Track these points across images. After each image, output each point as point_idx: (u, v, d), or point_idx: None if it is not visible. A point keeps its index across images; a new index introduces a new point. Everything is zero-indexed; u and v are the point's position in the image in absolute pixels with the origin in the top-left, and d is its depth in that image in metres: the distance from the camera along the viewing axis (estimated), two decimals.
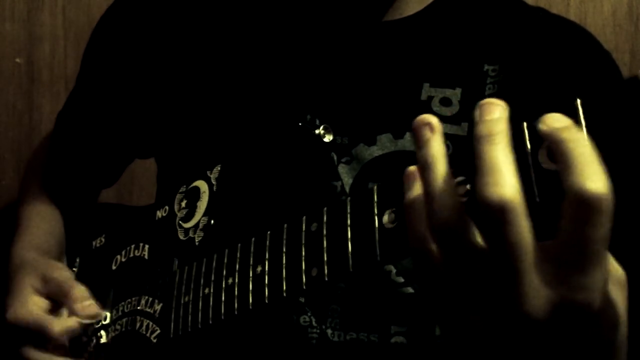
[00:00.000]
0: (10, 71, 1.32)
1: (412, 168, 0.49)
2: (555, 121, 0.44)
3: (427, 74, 0.78)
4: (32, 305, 0.81)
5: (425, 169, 0.47)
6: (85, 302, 0.80)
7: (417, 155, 0.48)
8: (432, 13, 0.81)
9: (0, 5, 1.31)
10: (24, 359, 0.81)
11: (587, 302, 0.45)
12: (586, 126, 0.44)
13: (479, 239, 0.46)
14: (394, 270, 0.75)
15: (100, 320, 0.82)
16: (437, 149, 0.47)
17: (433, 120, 0.48)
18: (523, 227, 0.44)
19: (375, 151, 0.77)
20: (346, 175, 0.76)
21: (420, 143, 0.48)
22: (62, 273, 0.84)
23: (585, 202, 0.42)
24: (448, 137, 0.76)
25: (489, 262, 0.46)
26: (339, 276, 0.57)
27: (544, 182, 0.45)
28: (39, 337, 0.80)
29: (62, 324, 0.79)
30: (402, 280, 0.75)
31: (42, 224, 0.96)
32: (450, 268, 0.47)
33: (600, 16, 1.27)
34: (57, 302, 0.83)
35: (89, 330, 0.82)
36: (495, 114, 0.46)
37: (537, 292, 0.45)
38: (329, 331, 0.76)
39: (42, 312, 0.81)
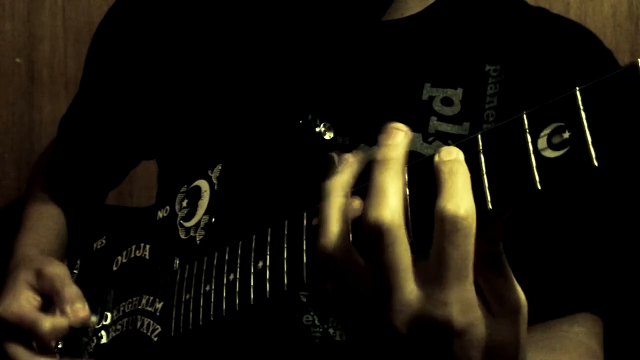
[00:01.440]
0: (10, 71, 1.32)
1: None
2: (447, 154, 0.48)
3: (428, 74, 0.78)
4: (23, 300, 0.81)
5: (323, 195, 0.53)
6: (75, 305, 0.80)
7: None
8: (433, 13, 0.81)
9: (0, 5, 1.31)
10: (8, 355, 0.81)
11: (446, 317, 0.48)
12: (585, 114, 0.45)
13: (358, 260, 0.50)
14: None
15: (93, 324, 0.82)
16: (336, 181, 0.53)
17: (349, 157, 0.54)
18: (399, 248, 0.48)
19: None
20: None
21: (330, 172, 0.53)
22: (58, 270, 0.84)
23: (444, 221, 0.46)
24: (450, 137, 0.76)
25: (367, 280, 0.50)
26: None
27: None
28: (26, 334, 0.80)
29: (52, 322, 0.79)
30: None
31: (45, 222, 0.96)
32: (334, 288, 0.52)
33: (600, 16, 1.27)
34: (49, 298, 0.82)
35: (85, 330, 0.82)
36: (397, 139, 0.50)
37: (404, 307, 0.48)
38: (331, 330, 0.76)
39: (33, 309, 0.81)
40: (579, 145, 0.44)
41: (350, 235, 0.51)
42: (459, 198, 0.46)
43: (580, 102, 0.45)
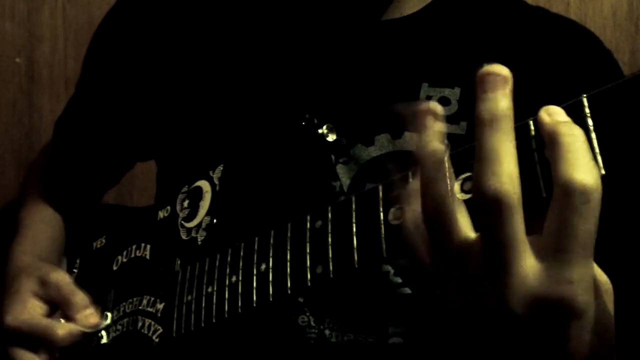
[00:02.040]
0: (10, 71, 1.32)
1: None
2: (555, 113, 0.44)
3: (426, 74, 0.78)
4: (32, 310, 0.81)
5: (419, 157, 0.47)
6: (86, 311, 0.80)
7: (417, 144, 0.47)
8: (431, 12, 0.81)
9: (0, 5, 1.31)
10: None
11: (570, 296, 0.44)
12: (592, 121, 0.45)
13: (467, 229, 0.46)
14: (392, 271, 0.75)
15: (102, 327, 0.82)
16: (431, 138, 0.47)
17: (437, 107, 0.48)
18: (515, 221, 0.44)
19: (373, 151, 0.76)
20: (344, 176, 0.76)
21: (421, 131, 0.47)
22: (61, 277, 0.84)
23: (573, 192, 0.42)
24: (447, 137, 0.75)
25: (477, 250, 0.46)
26: (345, 273, 0.57)
27: (549, 178, 0.45)
28: (34, 342, 0.80)
29: (66, 328, 0.79)
30: (399, 280, 0.75)
31: (43, 228, 0.96)
32: (438, 257, 0.47)
33: (600, 16, 1.27)
34: (55, 305, 0.82)
35: (93, 333, 0.82)
36: (500, 90, 0.45)
37: (522, 285, 0.45)
38: (327, 332, 0.76)
39: (42, 316, 0.81)
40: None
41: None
42: (586, 166, 0.42)
43: (587, 110, 0.45)
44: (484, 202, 0.43)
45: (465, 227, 0.46)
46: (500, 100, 0.44)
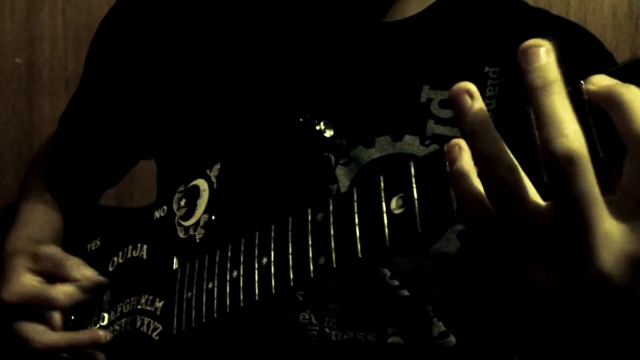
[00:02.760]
0: (10, 71, 1.33)
1: (456, 140, 0.49)
2: (604, 79, 0.45)
3: (426, 76, 0.78)
4: (26, 281, 0.81)
5: (474, 136, 0.46)
6: (80, 268, 0.81)
7: (462, 126, 0.47)
8: (432, 14, 0.81)
9: (0, 5, 1.31)
10: (20, 338, 0.81)
11: None
12: (589, 108, 0.45)
13: (538, 197, 0.45)
14: (389, 274, 0.75)
15: (103, 281, 0.81)
16: (482, 115, 0.46)
17: (471, 86, 0.47)
18: (590, 178, 0.43)
19: (374, 153, 0.76)
20: (344, 177, 0.76)
21: (463, 112, 0.47)
22: (53, 249, 0.84)
23: None
24: (446, 140, 0.75)
25: (552, 217, 0.45)
26: (348, 263, 0.57)
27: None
28: (36, 312, 0.80)
29: (63, 288, 0.80)
30: (397, 283, 0.75)
31: (40, 218, 0.95)
32: (509, 229, 0.46)
33: (600, 16, 1.27)
34: (51, 277, 0.82)
35: (89, 297, 0.82)
36: (543, 59, 0.45)
37: (609, 243, 0.44)
38: (327, 330, 0.76)
39: (39, 285, 0.81)
40: (587, 139, 0.44)
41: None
42: None
43: (585, 95, 0.46)
44: (556, 163, 0.43)
45: (536, 196, 0.46)
46: (550, 66, 0.45)
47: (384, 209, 0.55)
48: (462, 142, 0.48)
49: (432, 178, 0.52)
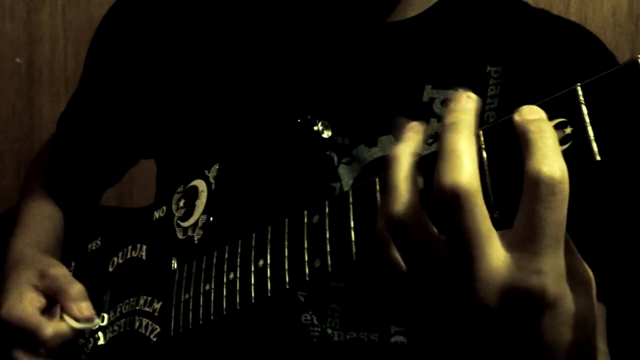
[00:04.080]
0: (10, 71, 1.33)
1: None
2: (529, 113, 0.46)
3: (429, 76, 0.78)
4: (27, 302, 0.80)
5: (387, 163, 0.49)
6: (80, 303, 0.80)
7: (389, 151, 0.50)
8: (434, 14, 0.81)
9: (0, 5, 1.31)
10: (12, 358, 0.80)
11: (541, 287, 0.45)
12: (587, 108, 0.45)
13: (431, 229, 0.48)
14: None
15: (95, 325, 0.81)
16: (402, 147, 0.49)
17: (413, 123, 0.51)
18: (478, 213, 0.45)
19: (376, 152, 0.77)
20: (346, 176, 0.76)
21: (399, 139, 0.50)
22: (60, 270, 0.83)
23: (541, 184, 0.44)
24: None
25: (443, 251, 0.47)
26: (343, 266, 0.57)
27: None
28: (31, 338, 0.80)
29: (55, 327, 0.78)
30: None
31: (43, 221, 0.96)
32: (407, 261, 0.49)
33: (600, 16, 1.27)
34: (53, 299, 0.82)
35: (84, 334, 0.82)
36: (467, 104, 0.48)
37: (491, 278, 0.46)
38: (329, 330, 0.75)
39: (36, 312, 0.80)
40: (581, 140, 0.45)
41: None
42: (553, 159, 0.44)
43: (581, 98, 0.45)
44: (445, 197, 0.45)
45: (430, 227, 0.48)
46: (467, 111, 0.47)
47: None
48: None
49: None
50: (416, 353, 0.75)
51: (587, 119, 0.45)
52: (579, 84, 0.46)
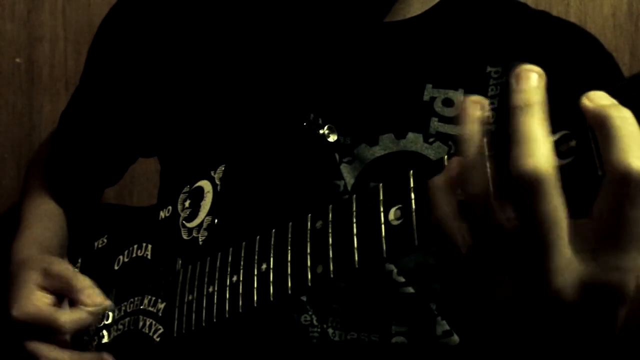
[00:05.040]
0: (10, 71, 1.32)
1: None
2: (600, 98, 0.44)
3: (429, 75, 0.78)
4: (37, 300, 0.81)
5: (462, 144, 0.47)
6: (89, 291, 0.80)
7: (459, 134, 0.47)
8: (435, 14, 0.81)
9: (0, 5, 1.31)
10: (29, 354, 0.81)
11: (621, 284, 0.44)
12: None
13: (508, 213, 0.45)
14: (395, 270, 0.75)
15: (108, 307, 0.81)
16: (475, 126, 0.47)
17: (483, 101, 0.48)
18: (555, 199, 0.43)
19: (378, 151, 0.77)
20: (348, 175, 0.77)
21: (460, 122, 0.47)
22: (63, 266, 0.84)
23: (628, 179, 0.41)
24: (451, 138, 0.76)
25: (518, 236, 0.45)
26: (345, 273, 0.57)
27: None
28: (45, 331, 0.80)
29: (70, 315, 0.79)
30: (403, 280, 0.75)
31: (45, 222, 0.96)
32: (478, 245, 0.47)
33: (600, 16, 1.27)
34: (61, 295, 0.82)
35: (96, 322, 0.82)
36: (532, 83, 0.45)
37: (568, 268, 0.44)
38: (330, 330, 0.76)
39: (47, 306, 0.81)
40: (585, 154, 0.44)
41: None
42: None
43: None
44: (523, 182, 0.43)
45: (508, 211, 0.46)
46: (536, 90, 0.45)
47: (382, 220, 0.55)
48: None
49: None
50: (467, 351, 0.75)
51: (591, 133, 0.44)
52: (583, 97, 0.45)
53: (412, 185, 0.54)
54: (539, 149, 0.43)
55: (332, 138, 0.76)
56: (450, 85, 0.78)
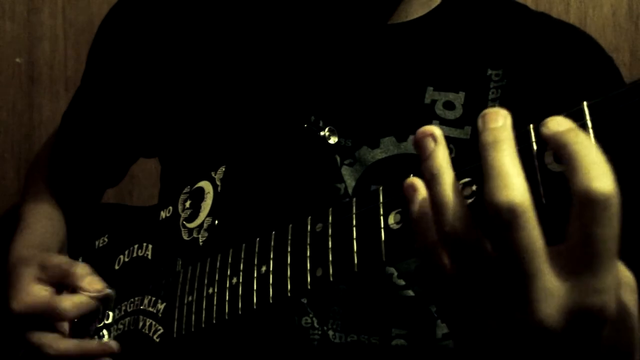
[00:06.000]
0: (10, 71, 1.32)
1: (412, 179, 0.50)
2: (557, 124, 0.45)
3: (430, 78, 0.78)
4: (36, 291, 0.81)
5: (431, 180, 0.47)
6: (88, 278, 0.81)
7: (422, 167, 0.48)
8: (436, 17, 0.81)
9: (0, 5, 1.31)
10: (32, 346, 0.81)
11: (601, 306, 0.44)
12: (593, 129, 0.45)
13: (488, 245, 0.46)
14: (395, 273, 0.75)
15: (113, 295, 0.82)
16: (442, 159, 0.48)
17: (436, 131, 0.49)
18: (532, 230, 0.44)
19: (379, 154, 0.77)
20: (349, 178, 0.77)
21: (424, 155, 0.48)
22: (59, 257, 0.84)
23: (592, 202, 0.42)
24: (451, 141, 0.76)
25: (499, 268, 0.46)
26: (344, 276, 0.57)
27: (551, 183, 0.46)
28: (46, 321, 0.80)
29: (72, 299, 0.79)
30: (403, 283, 0.75)
31: (44, 222, 0.96)
32: (461, 275, 0.47)
33: (600, 16, 1.27)
34: (59, 286, 0.82)
35: (90, 331, 0.82)
36: (499, 122, 0.46)
37: (550, 297, 0.44)
38: (331, 332, 0.76)
39: (47, 294, 0.81)
40: None
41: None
42: (600, 173, 0.42)
43: (588, 118, 0.45)
44: (499, 216, 0.44)
45: (488, 246, 0.47)
46: (503, 128, 0.46)
47: (382, 224, 0.55)
48: (417, 182, 0.49)
49: None
50: (418, 355, 0.76)
51: (593, 140, 0.44)
52: (585, 103, 0.45)
53: None
54: (513, 182, 0.44)
55: (333, 140, 0.76)
56: (451, 88, 0.78)
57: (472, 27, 0.81)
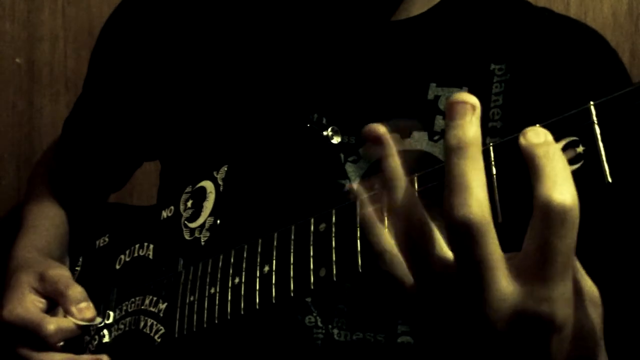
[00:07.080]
0: (10, 71, 1.32)
1: (353, 185, 0.51)
2: (534, 136, 0.45)
3: (433, 74, 0.78)
4: (29, 303, 0.81)
5: (389, 184, 0.48)
6: (80, 305, 0.80)
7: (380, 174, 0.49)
8: (439, 13, 0.81)
9: (0, 5, 1.31)
10: (19, 356, 0.81)
11: (550, 314, 0.45)
12: (599, 128, 0.45)
13: (446, 249, 0.47)
14: None
15: (97, 323, 0.81)
16: (396, 166, 0.48)
17: (384, 135, 0.50)
18: (491, 245, 0.45)
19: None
20: (353, 174, 0.77)
21: (381, 160, 0.49)
22: (60, 272, 0.84)
23: (552, 213, 0.43)
24: None
25: (456, 273, 0.47)
26: (348, 276, 0.57)
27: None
28: (35, 336, 0.80)
29: (58, 323, 0.79)
30: None
31: (47, 226, 0.96)
32: (417, 280, 0.49)
33: (600, 16, 1.27)
34: (54, 301, 0.82)
35: (88, 330, 0.82)
36: (467, 116, 0.46)
37: (502, 302, 0.46)
38: (335, 331, 0.76)
39: (38, 311, 0.81)
40: (593, 161, 0.44)
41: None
42: (563, 186, 0.43)
43: (594, 117, 0.45)
44: (456, 229, 0.44)
45: (444, 248, 0.47)
46: (468, 128, 0.45)
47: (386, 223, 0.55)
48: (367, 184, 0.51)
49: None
50: (424, 352, 0.75)
51: (600, 139, 0.44)
52: (592, 103, 0.45)
53: (416, 189, 0.54)
54: (473, 196, 0.44)
55: (336, 140, 0.76)
56: (454, 84, 0.78)
57: (475, 22, 0.81)
